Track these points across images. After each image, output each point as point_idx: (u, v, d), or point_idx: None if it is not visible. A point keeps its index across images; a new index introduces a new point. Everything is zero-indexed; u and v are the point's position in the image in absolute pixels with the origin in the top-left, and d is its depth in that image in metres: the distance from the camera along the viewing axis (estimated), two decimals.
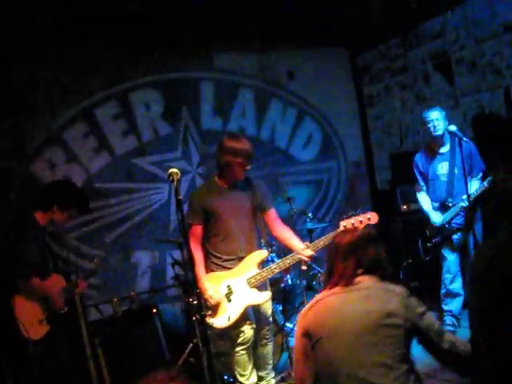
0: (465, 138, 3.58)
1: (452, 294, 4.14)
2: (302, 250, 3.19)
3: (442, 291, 4.21)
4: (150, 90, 5.28)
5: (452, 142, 3.99)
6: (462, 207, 3.88)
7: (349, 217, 3.03)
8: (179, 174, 2.36)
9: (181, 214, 2.31)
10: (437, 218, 4.07)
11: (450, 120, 4.09)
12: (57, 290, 3.28)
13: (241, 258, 3.28)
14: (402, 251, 5.03)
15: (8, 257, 3.16)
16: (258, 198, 3.33)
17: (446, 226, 4.02)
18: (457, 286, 4.12)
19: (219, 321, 3.16)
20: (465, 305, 4.10)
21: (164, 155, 5.29)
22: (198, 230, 3.27)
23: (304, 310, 2.03)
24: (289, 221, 4.51)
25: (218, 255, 3.28)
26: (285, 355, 3.88)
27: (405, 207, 5.08)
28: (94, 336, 4.21)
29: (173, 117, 5.38)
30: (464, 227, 3.95)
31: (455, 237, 4.05)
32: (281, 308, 4.40)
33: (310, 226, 4.71)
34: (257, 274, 3.20)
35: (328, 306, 1.94)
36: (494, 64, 4.68)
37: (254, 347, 3.37)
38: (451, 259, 4.11)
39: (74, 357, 3.78)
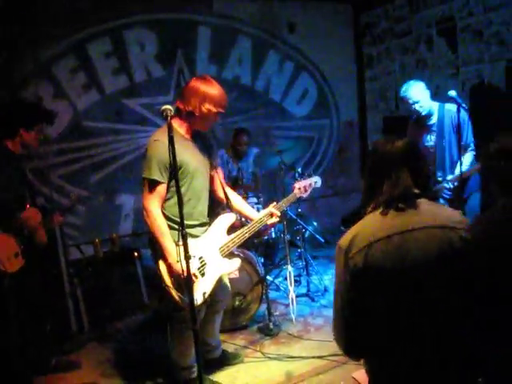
0: (463, 105, 3.49)
1: None
2: (274, 207, 3.01)
3: None
4: (145, 30, 5.09)
5: (439, 112, 3.81)
6: (445, 188, 3.75)
7: (301, 179, 3.08)
8: (173, 110, 2.20)
9: (173, 153, 2.17)
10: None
11: (448, 87, 4.00)
12: (33, 223, 3.22)
13: (203, 224, 2.89)
14: None
15: None
16: (211, 154, 2.97)
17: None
18: None
19: (194, 298, 2.56)
20: None
21: (155, 98, 5.16)
22: (163, 190, 2.67)
23: (349, 243, 1.61)
24: (278, 174, 4.50)
25: (176, 219, 2.63)
26: (263, 307, 3.93)
27: None
28: (73, 275, 4.23)
29: (167, 59, 5.21)
30: (453, 198, 3.82)
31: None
32: (262, 260, 4.44)
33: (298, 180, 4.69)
34: (229, 242, 2.88)
35: (385, 252, 1.56)
36: (500, 35, 4.58)
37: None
38: None
39: (52, 293, 3.80)
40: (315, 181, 3.24)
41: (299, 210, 4.82)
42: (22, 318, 3.23)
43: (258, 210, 4.23)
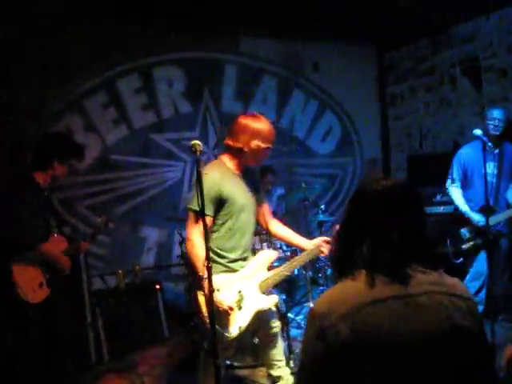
0: (489, 144, 3.51)
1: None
2: (321, 242, 2.90)
3: None
4: (173, 67, 5.27)
5: (503, 145, 3.91)
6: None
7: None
8: (201, 145, 2.23)
9: (200, 186, 2.23)
10: (479, 217, 3.85)
11: (474, 127, 4.00)
12: (58, 251, 3.27)
13: (245, 259, 2.88)
14: None
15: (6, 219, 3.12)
16: (258, 190, 2.98)
17: (492, 230, 3.72)
18: (482, 295, 3.99)
19: (229, 331, 2.69)
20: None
21: (182, 133, 5.28)
22: (208, 222, 2.63)
23: (328, 309, 1.27)
24: (302, 211, 4.51)
25: (224, 254, 2.77)
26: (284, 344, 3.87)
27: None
28: (95, 305, 4.25)
29: (194, 96, 5.36)
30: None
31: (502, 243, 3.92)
32: (283, 297, 4.39)
33: (321, 218, 4.70)
34: (268, 278, 2.84)
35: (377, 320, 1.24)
36: None
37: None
38: (484, 266, 3.90)
39: (74, 324, 3.81)
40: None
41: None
42: (45, 348, 3.25)
43: (281, 247, 4.22)
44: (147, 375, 3.90)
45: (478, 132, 3.58)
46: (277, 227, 3.08)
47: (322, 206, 4.80)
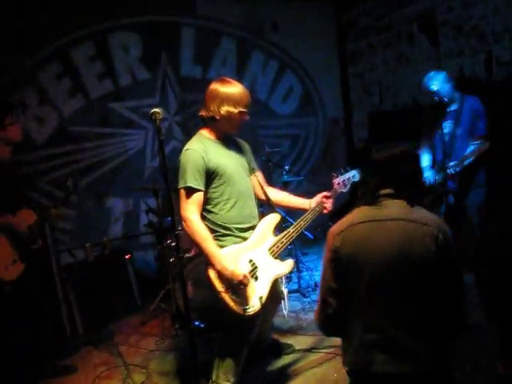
0: (445, 99, 3.57)
1: None
2: (322, 199, 2.90)
3: None
4: (129, 33, 5.09)
5: (459, 101, 3.82)
6: (450, 174, 3.73)
7: (339, 175, 3.01)
8: (161, 113, 2.17)
9: (162, 156, 2.19)
10: (429, 175, 3.92)
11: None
12: (26, 224, 3.24)
13: (254, 227, 2.80)
14: None
15: None
16: (248, 157, 2.92)
17: (439, 187, 3.84)
18: None
19: (251, 305, 2.57)
20: None
21: (141, 101, 5.17)
22: (200, 197, 2.62)
23: (336, 228, 1.88)
24: (266, 173, 4.53)
25: (232, 226, 2.71)
26: None
27: None
28: (66, 280, 4.24)
29: (152, 62, 5.22)
30: (458, 191, 3.84)
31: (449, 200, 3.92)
32: None
33: (285, 178, 4.75)
34: (277, 242, 2.78)
35: (356, 236, 1.82)
36: (478, 28, 4.67)
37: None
38: None
39: (47, 299, 3.80)
40: (353, 175, 3.08)
41: None
42: (22, 323, 3.26)
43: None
44: (123, 344, 3.96)
45: (434, 87, 3.64)
46: (275, 194, 3.03)
47: (286, 167, 4.84)
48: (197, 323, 3.59)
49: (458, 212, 3.87)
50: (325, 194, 2.95)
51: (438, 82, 3.76)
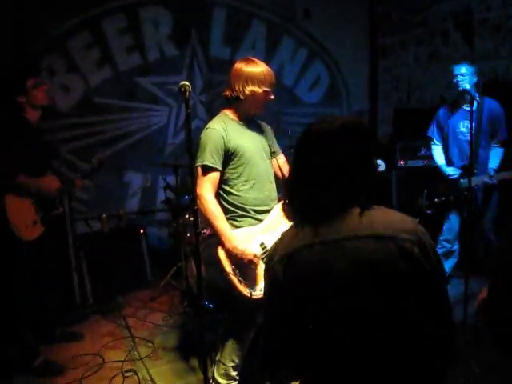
0: (477, 98, 3.49)
1: (449, 254, 4.15)
2: None
3: (440, 250, 4.17)
4: (160, 9, 5.06)
5: (482, 101, 3.78)
6: (487, 183, 3.72)
7: None
8: (190, 86, 2.13)
9: (188, 129, 2.16)
10: (451, 170, 3.94)
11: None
12: (52, 189, 3.29)
13: (271, 210, 2.79)
14: (394, 207, 5.08)
15: None
16: (270, 140, 2.89)
17: (465, 192, 3.75)
18: (456, 247, 4.15)
19: (259, 288, 2.57)
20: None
21: (167, 77, 5.15)
22: (216, 176, 2.61)
23: (275, 250, 1.42)
24: (287, 158, 4.51)
25: (247, 207, 2.68)
26: None
27: (402, 162, 5.07)
28: (80, 248, 4.29)
29: (181, 39, 5.19)
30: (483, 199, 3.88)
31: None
32: None
33: None
34: None
35: (304, 264, 1.33)
36: None
37: None
38: (456, 222, 4.03)
39: (59, 267, 3.85)
40: (379, 164, 2.94)
41: None
42: (34, 286, 3.32)
43: None
44: (131, 317, 4.01)
45: (466, 86, 3.56)
46: None
47: None
48: (206, 303, 3.62)
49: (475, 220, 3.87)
50: None
51: (468, 73, 3.74)
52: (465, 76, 3.73)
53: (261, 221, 2.73)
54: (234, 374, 2.78)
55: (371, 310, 1.26)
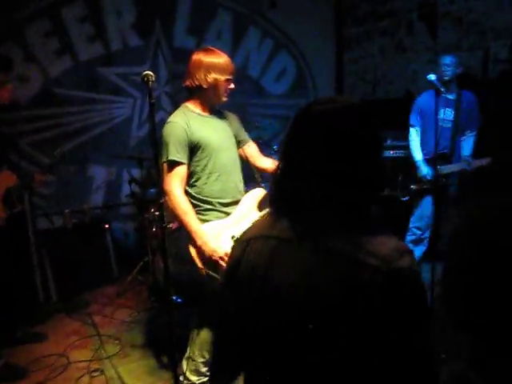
0: (442, 89, 3.54)
1: (418, 242, 4.22)
2: None
3: (410, 238, 4.27)
4: None
5: (459, 92, 3.95)
6: (464, 169, 3.84)
7: None
8: (154, 76, 2.11)
9: (152, 120, 2.12)
10: (427, 170, 4.00)
11: (427, 75, 4.01)
12: (7, 185, 3.14)
13: (238, 201, 2.75)
14: None
15: None
16: (235, 129, 2.84)
17: (443, 179, 3.91)
18: (427, 235, 4.21)
19: None
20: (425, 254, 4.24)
21: (131, 68, 5.02)
22: (183, 170, 2.58)
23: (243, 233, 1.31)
24: None
25: (215, 200, 2.66)
26: None
27: None
28: (41, 245, 4.15)
29: (145, 29, 5.06)
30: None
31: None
32: None
33: (274, 157, 4.69)
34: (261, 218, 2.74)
35: (254, 254, 1.21)
36: (479, 23, 4.62)
37: None
38: (428, 209, 4.10)
39: (20, 265, 3.71)
40: None
41: None
42: None
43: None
44: (97, 314, 3.91)
45: (431, 77, 3.59)
46: (266, 161, 2.91)
47: (275, 147, 4.79)
48: (174, 298, 3.55)
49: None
50: None
51: (453, 63, 3.87)
52: (450, 66, 3.86)
53: (227, 213, 2.70)
54: (204, 370, 2.75)
55: (298, 329, 1.06)
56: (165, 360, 3.18)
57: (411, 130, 4.18)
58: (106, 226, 4.63)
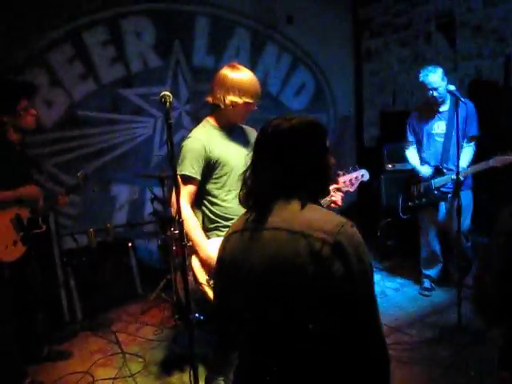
0: (463, 99, 3.46)
1: (433, 260, 4.20)
2: (333, 189, 2.67)
3: (423, 255, 4.25)
4: (142, 19, 5.03)
5: (452, 101, 3.79)
6: (452, 179, 3.73)
7: (345, 174, 2.89)
8: (171, 96, 2.10)
9: (170, 140, 2.11)
10: (426, 171, 3.98)
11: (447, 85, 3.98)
12: (34, 195, 3.20)
13: None
14: (382, 210, 5.04)
15: None
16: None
17: (435, 192, 3.93)
18: (437, 251, 4.17)
19: None
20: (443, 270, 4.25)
21: (152, 88, 5.11)
22: (194, 186, 2.59)
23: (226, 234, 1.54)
24: None
25: (231, 217, 2.59)
26: None
27: (390, 166, 5.06)
28: (67, 264, 4.22)
29: (164, 49, 5.17)
30: (450, 193, 3.91)
31: (442, 205, 4.03)
32: None
33: None
34: None
35: (231, 248, 1.45)
36: (498, 31, 4.57)
37: None
38: (430, 226, 4.15)
39: (45, 284, 3.77)
40: (362, 174, 2.88)
41: None
42: (18, 307, 3.23)
43: None
44: (121, 332, 3.93)
45: (451, 87, 3.54)
46: None
47: None
48: (197, 315, 3.55)
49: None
50: (335, 186, 2.79)
51: (437, 77, 3.74)
52: (440, 85, 3.75)
53: None
54: None
55: (272, 307, 1.28)
56: (186, 378, 3.17)
57: (406, 147, 4.19)
58: (130, 244, 4.68)
